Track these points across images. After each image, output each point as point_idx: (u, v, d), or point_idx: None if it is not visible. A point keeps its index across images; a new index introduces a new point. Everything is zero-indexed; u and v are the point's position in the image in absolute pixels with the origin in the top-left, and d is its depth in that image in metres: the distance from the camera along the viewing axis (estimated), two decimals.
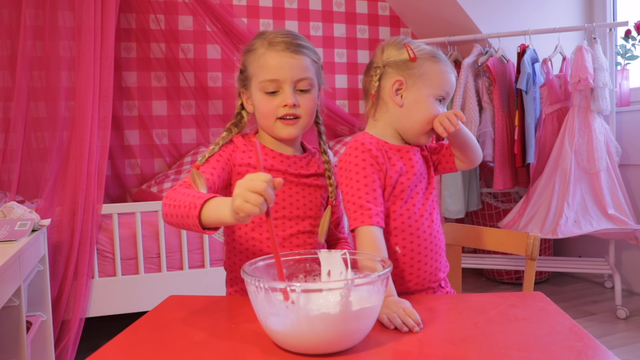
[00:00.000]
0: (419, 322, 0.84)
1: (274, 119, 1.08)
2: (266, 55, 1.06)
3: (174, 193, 0.95)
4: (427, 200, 1.12)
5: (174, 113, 3.09)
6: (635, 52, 2.78)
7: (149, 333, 0.87)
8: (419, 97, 1.09)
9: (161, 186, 2.80)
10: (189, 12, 3.01)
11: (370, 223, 1.01)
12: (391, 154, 1.09)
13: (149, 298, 2.23)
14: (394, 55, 1.11)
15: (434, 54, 1.11)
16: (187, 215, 0.88)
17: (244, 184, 0.77)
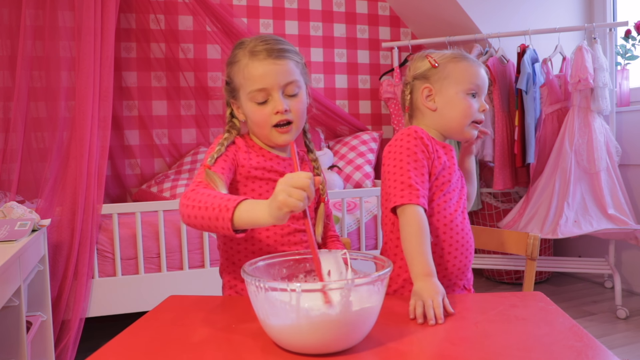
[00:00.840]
0: (440, 317, 0.86)
1: (269, 128, 1.09)
2: (249, 66, 1.06)
3: (195, 194, 0.94)
4: (461, 199, 1.18)
5: (174, 113, 3.09)
6: (635, 52, 2.78)
7: (149, 333, 0.87)
8: (448, 96, 1.16)
9: (161, 186, 2.80)
10: (189, 12, 3.01)
11: (418, 203, 1.05)
12: (438, 147, 1.16)
13: (149, 298, 2.23)
14: (419, 68, 1.20)
15: (455, 55, 1.19)
16: (216, 218, 0.88)
17: (287, 180, 0.79)
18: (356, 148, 3.12)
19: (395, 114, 3.27)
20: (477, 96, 1.17)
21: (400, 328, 0.85)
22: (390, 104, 3.28)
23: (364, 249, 2.63)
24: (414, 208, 1.04)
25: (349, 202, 2.72)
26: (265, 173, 1.11)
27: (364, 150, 3.10)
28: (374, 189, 2.74)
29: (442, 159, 1.15)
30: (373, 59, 3.53)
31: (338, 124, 3.28)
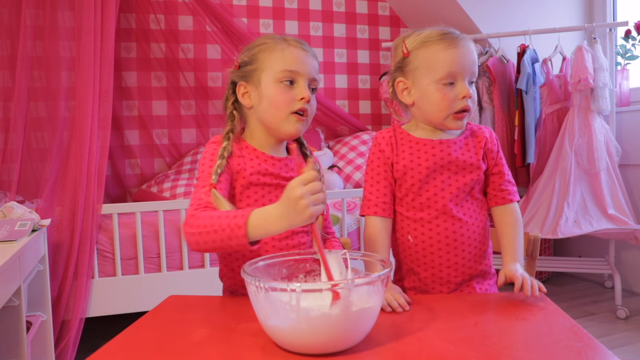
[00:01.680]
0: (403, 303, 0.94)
1: (288, 112, 1.08)
2: (285, 50, 1.08)
3: (197, 220, 0.92)
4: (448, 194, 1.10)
5: (174, 113, 3.09)
6: (635, 52, 2.78)
7: (149, 333, 0.87)
8: (421, 89, 1.10)
9: (161, 186, 2.80)
10: (189, 12, 3.01)
11: (368, 213, 1.13)
12: (404, 148, 1.13)
13: (149, 298, 2.23)
14: (396, 57, 1.14)
15: (427, 37, 1.09)
16: (229, 238, 0.87)
17: (308, 190, 0.81)
18: (356, 148, 3.12)
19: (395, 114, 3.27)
20: (456, 83, 1.08)
21: (400, 328, 0.85)
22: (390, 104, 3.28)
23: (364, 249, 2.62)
24: (367, 219, 1.14)
25: (349, 202, 2.72)
26: (260, 178, 1.09)
27: (364, 150, 3.10)
28: None
29: (403, 162, 1.12)
30: (373, 59, 3.53)
31: (338, 124, 3.28)
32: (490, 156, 1.14)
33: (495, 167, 1.15)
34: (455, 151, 1.12)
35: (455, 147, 1.12)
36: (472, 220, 1.12)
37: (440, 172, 1.11)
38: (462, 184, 1.11)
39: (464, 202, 1.12)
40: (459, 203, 1.11)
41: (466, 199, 1.12)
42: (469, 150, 1.13)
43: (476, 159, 1.12)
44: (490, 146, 1.14)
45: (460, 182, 1.11)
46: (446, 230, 1.11)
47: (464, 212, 1.12)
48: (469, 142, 1.14)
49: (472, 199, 1.13)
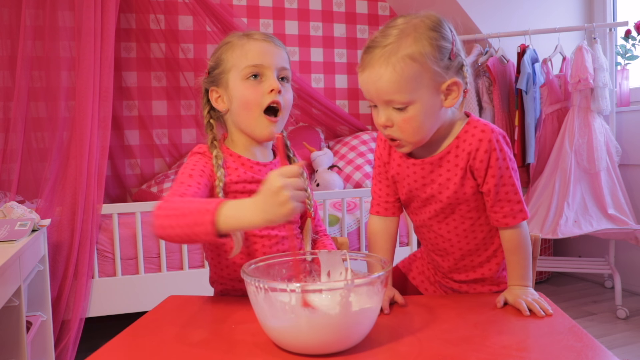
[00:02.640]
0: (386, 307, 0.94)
1: (259, 111, 1.03)
2: (247, 44, 1.04)
3: (169, 203, 0.88)
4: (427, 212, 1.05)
5: (174, 113, 3.09)
6: (635, 52, 2.78)
7: (149, 333, 0.87)
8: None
9: (161, 186, 2.80)
10: (189, 12, 3.01)
11: (371, 212, 1.13)
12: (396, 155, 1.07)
13: (149, 298, 2.23)
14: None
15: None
16: (194, 223, 0.81)
17: (291, 183, 0.76)
18: (356, 148, 3.11)
19: None
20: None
21: (400, 328, 0.85)
22: None
23: (364, 249, 2.63)
24: (370, 218, 1.14)
25: (349, 202, 2.72)
26: (246, 186, 1.05)
27: (364, 150, 3.10)
28: None
29: (391, 172, 1.07)
30: None
31: (338, 124, 3.28)
32: (477, 174, 0.98)
33: (484, 186, 0.98)
34: (432, 172, 1.01)
35: (432, 168, 1.01)
36: (457, 237, 1.05)
37: (422, 190, 1.03)
38: (439, 207, 1.02)
39: (448, 220, 1.04)
40: (441, 220, 1.04)
41: (452, 217, 1.03)
42: (448, 170, 0.99)
43: (459, 184, 0.99)
44: (474, 163, 0.97)
45: (438, 205, 1.02)
46: (438, 238, 1.08)
47: (448, 229, 1.04)
48: (451, 160, 0.99)
49: (460, 216, 1.03)
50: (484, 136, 0.96)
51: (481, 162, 0.96)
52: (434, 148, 1.01)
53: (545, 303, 0.93)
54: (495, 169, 0.97)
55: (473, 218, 1.03)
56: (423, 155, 1.02)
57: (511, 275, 1.02)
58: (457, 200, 1.00)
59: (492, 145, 0.96)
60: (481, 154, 0.96)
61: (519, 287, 0.99)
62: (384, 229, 1.11)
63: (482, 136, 0.97)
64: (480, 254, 1.08)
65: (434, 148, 1.01)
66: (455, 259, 1.09)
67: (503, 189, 0.98)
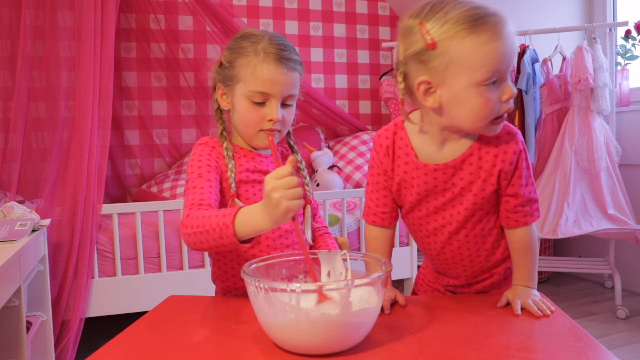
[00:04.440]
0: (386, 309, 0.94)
1: (257, 130, 1.06)
2: (261, 67, 1.02)
3: (191, 220, 0.92)
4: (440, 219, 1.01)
5: (174, 113, 3.09)
6: (635, 52, 2.78)
7: (149, 333, 0.87)
8: (455, 91, 0.86)
9: (161, 186, 2.80)
10: (189, 12, 3.01)
11: (366, 220, 1.08)
12: (402, 161, 0.99)
13: (149, 298, 2.23)
14: (414, 44, 0.87)
15: (463, 22, 0.83)
16: (220, 237, 0.87)
17: (280, 184, 0.79)
18: (356, 148, 3.11)
19: (395, 114, 3.27)
20: (498, 81, 0.86)
21: (400, 328, 0.85)
22: (390, 104, 3.28)
23: (364, 249, 2.63)
24: (367, 225, 1.09)
25: (349, 202, 2.72)
26: (249, 175, 1.08)
27: (364, 150, 3.10)
28: None
29: (397, 179, 1.00)
30: (373, 59, 3.52)
31: (338, 124, 3.28)
32: (503, 177, 0.95)
33: (510, 188, 0.96)
34: (453, 177, 0.96)
35: (454, 171, 0.96)
36: (468, 246, 1.03)
37: (434, 197, 0.98)
38: (456, 212, 0.98)
39: (460, 229, 1.00)
40: (452, 231, 1.00)
41: (463, 226, 1.00)
42: (470, 173, 0.95)
43: (481, 188, 0.96)
44: (502, 166, 0.94)
45: (455, 209, 0.98)
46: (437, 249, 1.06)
47: (458, 238, 1.01)
48: (473, 162, 0.95)
49: (474, 221, 1.00)
50: (511, 138, 0.95)
51: (510, 163, 0.94)
52: (449, 150, 0.96)
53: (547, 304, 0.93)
54: (521, 169, 0.95)
55: (483, 222, 1.01)
56: (437, 159, 0.96)
57: (517, 276, 1.01)
58: (476, 205, 0.97)
59: (519, 146, 0.95)
60: (510, 156, 0.94)
61: (523, 287, 0.99)
62: (382, 237, 1.08)
63: (508, 138, 0.94)
64: (488, 259, 1.06)
65: (450, 150, 0.95)
66: (464, 266, 1.06)
67: (527, 190, 0.97)
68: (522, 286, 0.99)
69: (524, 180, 0.96)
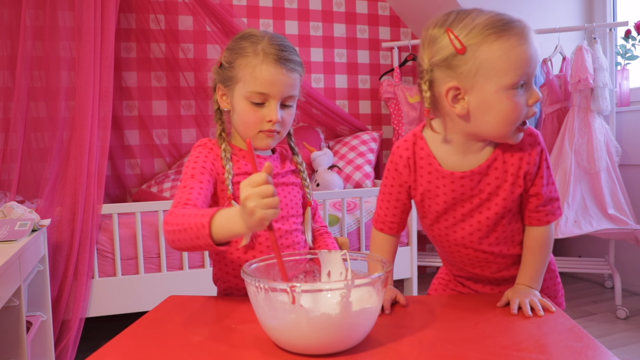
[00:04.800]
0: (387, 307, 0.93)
1: (256, 131, 1.07)
2: (260, 68, 1.02)
3: (174, 217, 0.92)
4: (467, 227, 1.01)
5: (174, 113, 3.09)
6: (635, 52, 2.78)
7: (149, 333, 0.87)
8: (484, 96, 0.87)
9: (161, 186, 2.80)
10: (189, 12, 3.01)
11: (375, 227, 1.09)
12: (424, 172, 0.99)
13: (149, 298, 2.23)
14: (440, 50, 0.88)
15: (490, 28, 0.84)
16: (197, 237, 0.87)
17: (256, 192, 0.77)
18: (356, 148, 3.11)
19: (395, 114, 3.27)
20: (526, 85, 0.87)
21: (400, 328, 0.85)
22: (390, 104, 3.28)
23: (364, 249, 2.63)
24: (373, 231, 1.10)
25: (349, 202, 2.72)
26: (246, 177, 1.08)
27: (364, 150, 3.10)
28: (374, 189, 2.73)
29: (420, 189, 1.00)
30: (373, 59, 3.52)
31: (338, 124, 3.28)
32: (527, 178, 0.96)
33: (532, 188, 0.97)
34: (480, 182, 0.97)
35: (480, 177, 0.96)
36: (499, 249, 1.03)
37: (461, 205, 0.99)
38: (485, 217, 0.99)
39: (490, 233, 1.01)
40: (482, 236, 1.01)
41: (493, 230, 1.00)
42: (497, 178, 0.96)
43: (510, 192, 0.96)
44: (528, 168, 0.95)
45: (483, 214, 0.99)
46: (466, 256, 1.06)
47: (489, 242, 1.02)
48: (499, 167, 0.96)
49: (503, 226, 1.00)
50: (533, 140, 0.96)
51: (534, 164, 0.96)
52: (473, 158, 0.96)
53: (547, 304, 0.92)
54: (543, 169, 0.97)
55: (512, 223, 1.01)
56: (462, 167, 0.96)
57: (521, 274, 1.01)
58: (506, 208, 0.98)
59: (541, 146, 0.97)
60: (534, 157, 0.96)
61: (525, 287, 0.98)
62: (388, 244, 1.09)
63: (531, 140, 0.96)
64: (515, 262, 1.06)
65: (475, 158, 0.96)
66: (492, 272, 1.07)
67: (548, 189, 0.98)
68: (524, 285, 0.99)
69: (545, 179, 0.97)
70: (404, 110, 3.24)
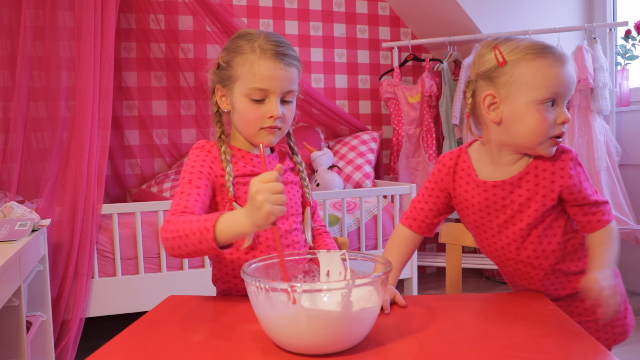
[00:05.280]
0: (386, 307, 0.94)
1: (258, 128, 1.07)
2: (258, 63, 1.03)
3: (172, 225, 0.93)
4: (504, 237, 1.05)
5: (174, 113, 3.09)
6: (635, 52, 2.78)
7: (149, 333, 0.87)
8: (516, 106, 0.96)
9: (161, 186, 2.80)
10: (189, 12, 3.01)
11: (403, 222, 1.16)
12: (463, 181, 1.07)
13: (149, 298, 2.23)
14: (485, 63, 0.99)
15: (531, 49, 0.95)
16: (199, 242, 0.89)
17: (266, 187, 0.80)
18: (356, 148, 3.11)
19: (395, 114, 3.27)
20: (556, 104, 0.96)
21: (400, 328, 0.85)
22: (390, 104, 3.28)
23: (364, 249, 2.63)
24: (398, 225, 1.17)
25: (349, 202, 2.72)
26: (246, 179, 1.08)
27: (364, 150, 3.10)
28: (374, 189, 2.74)
29: (459, 198, 1.08)
30: (373, 59, 3.52)
31: (338, 124, 3.28)
32: (567, 192, 1.00)
33: (576, 201, 1.01)
34: (512, 193, 1.01)
35: (512, 188, 1.01)
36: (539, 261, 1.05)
37: (495, 215, 1.04)
38: (519, 228, 1.03)
39: (526, 244, 1.04)
40: (518, 247, 1.04)
41: (529, 241, 1.04)
42: (528, 190, 1.01)
43: (541, 204, 1.00)
44: (563, 181, 1.00)
45: (517, 226, 1.03)
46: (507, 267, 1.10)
47: (528, 254, 1.04)
48: (531, 180, 1.01)
49: (538, 238, 1.03)
50: (567, 156, 1.01)
51: (570, 177, 1.00)
52: (506, 169, 1.03)
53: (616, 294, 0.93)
54: (582, 181, 1.01)
55: (549, 236, 1.04)
56: (496, 177, 1.03)
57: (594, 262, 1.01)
58: (538, 219, 1.02)
59: (576, 160, 1.02)
60: (567, 171, 1.00)
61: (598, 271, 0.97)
62: (410, 239, 1.14)
63: (564, 156, 1.01)
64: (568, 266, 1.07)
65: (508, 169, 1.03)
66: (540, 279, 1.07)
67: (592, 197, 1.02)
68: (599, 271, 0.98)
69: (586, 190, 1.01)
70: (404, 110, 3.24)
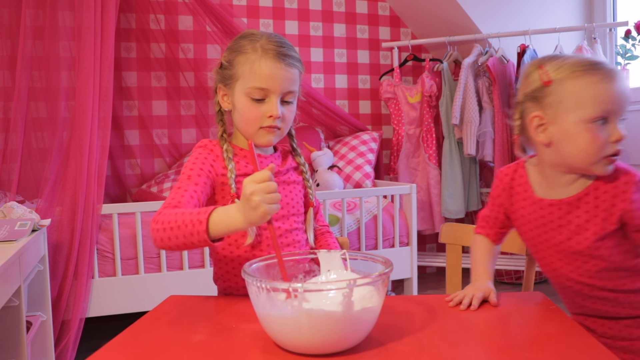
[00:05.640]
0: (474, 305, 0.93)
1: (257, 127, 1.07)
2: (259, 62, 1.04)
3: (164, 216, 0.94)
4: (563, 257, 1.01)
5: (174, 113, 3.09)
6: (635, 52, 2.78)
7: (149, 333, 0.87)
8: (564, 126, 0.93)
9: (161, 186, 2.80)
10: (189, 12, 3.01)
11: (480, 233, 1.15)
12: (520, 197, 1.05)
13: (149, 298, 2.23)
14: (531, 84, 0.97)
15: (578, 66, 0.92)
16: (190, 234, 0.89)
17: (260, 188, 0.82)
18: (356, 148, 3.11)
19: (395, 114, 3.27)
20: (607, 122, 0.92)
21: (401, 328, 0.85)
22: (390, 104, 3.28)
23: (364, 249, 2.63)
24: (478, 237, 1.15)
25: (349, 202, 2.72)
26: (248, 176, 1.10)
27: (364, 150, 3.10)
28: (374, 189, 2.74)
29: (514, 216, 1.07)
30: (373, 59, 3.52)
31: (338, 124, 3.28)
32: (629, 216, 0.95)
33: (638, 227, 0.95)
34: (569, 214, 0.98)
35: (570, 209, 0.98)
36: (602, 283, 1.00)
37: (551, 234, 1.01)
38: (577, 250, 0.98)
39: (583, 265, 0.99)
40: (577, 269, 1.00)
41: (586, 262, 0.99)
42: (587, 212, 0.96)
43: (601, 227, 0.95)
44: (625, 205, 0.94)
45: (574, 248, 0.98)
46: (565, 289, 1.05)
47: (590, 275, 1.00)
48: (590, 201, 0.96)
49: (600, 260, 0.98)
50: (629, 179, 0.96)
51: (631, 202, 0.94)
52: (563, 189, 0.99)
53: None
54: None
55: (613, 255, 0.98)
56: (553, 195, 1.00)
57: None
58: (598, 242, 0.96)
59: (638, 183, 0.96)
60: (630, 195, 0.95)
61: None
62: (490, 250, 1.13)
63: (627, 179, 0.96)
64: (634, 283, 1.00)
65: (565, 189, 0.99)
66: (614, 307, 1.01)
67: None
68: None
69: None
70: (403, 110, 3.24)
